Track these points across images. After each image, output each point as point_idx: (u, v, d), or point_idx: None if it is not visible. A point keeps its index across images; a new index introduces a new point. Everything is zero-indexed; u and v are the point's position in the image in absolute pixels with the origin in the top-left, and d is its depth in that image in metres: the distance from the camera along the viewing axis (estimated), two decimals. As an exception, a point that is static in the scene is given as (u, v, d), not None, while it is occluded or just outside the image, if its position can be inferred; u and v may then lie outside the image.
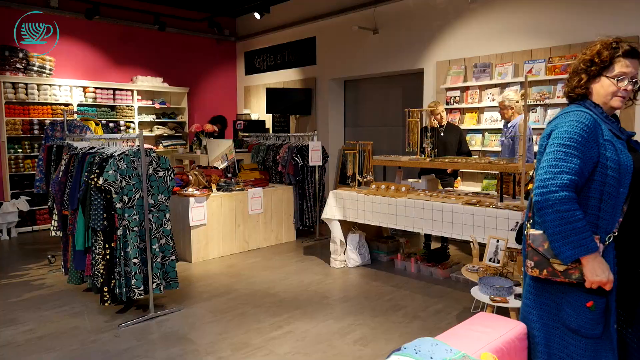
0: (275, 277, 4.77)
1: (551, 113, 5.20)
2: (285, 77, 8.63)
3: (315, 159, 6.17)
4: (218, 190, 5.65)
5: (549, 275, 1.77)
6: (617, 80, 1.80)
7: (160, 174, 3.83)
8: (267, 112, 8.26)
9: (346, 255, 5.09)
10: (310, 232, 6.65)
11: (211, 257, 5.48)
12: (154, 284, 3.75)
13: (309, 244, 6.14)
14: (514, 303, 2.88)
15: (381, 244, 5.35)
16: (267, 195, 6.03)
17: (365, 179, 5.16)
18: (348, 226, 5.15)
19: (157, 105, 8.36)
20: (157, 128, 8.45)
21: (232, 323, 3.66)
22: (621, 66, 1.80)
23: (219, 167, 6.28)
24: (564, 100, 5.39)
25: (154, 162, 3.79)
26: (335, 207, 5.00)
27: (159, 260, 3.79)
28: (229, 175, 6.14)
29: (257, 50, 9.21)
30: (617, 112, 1.96)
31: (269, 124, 8.78)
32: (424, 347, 1.61)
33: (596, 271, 1.67)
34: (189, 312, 3.89)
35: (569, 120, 1.78)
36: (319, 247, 5.98)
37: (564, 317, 1.80)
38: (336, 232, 5.03)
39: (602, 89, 1.83)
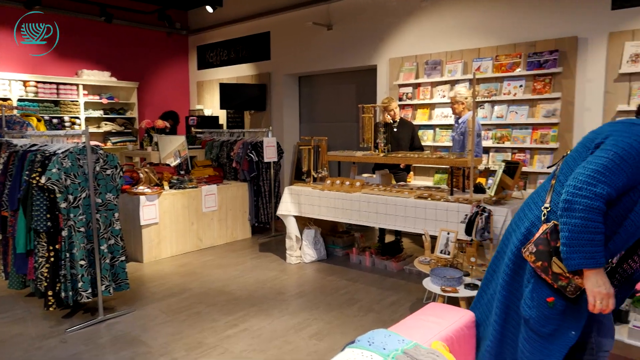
0: (230, 275, 4.71)
1: (498, 109, 5.40)
2: (240, 72, 8.52)
3: (270, 155, 6.13)
4: (170, 187, 5.51)
5: (540, 268, 1.75)
6: None
7: (108, 171, 3.69)
8: (221, 107, 8.13)
9: (302, 250, 5.10)
10: (266, 229, 6.61)
11: (164, 257, 5.34)
12: (103, 286, 3.62)
13: (265, 241, 6.11)
14: (463, 292, 2.98)
15: (337, 238, 5.40)
16: (221, 192, 5.94)
17: (320, 175, 5.17)
18: (304, 222, 5.16)
19: (104, 101, 8.05)
20: (105, 124, 8.14)
21: (186, 323, 3.58)
22: None
23: (171, 164, 6.12)
24: (511, 97, 5.59)
25: (101, 160, 3.64)
26: (291, 203, 4.99)
27: (107, 261, 3.65)
28: (182, 172, 6.01)
29: (210, 45, 9.04)
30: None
31: (222, 120, 8.65)
32: (378, 338, 1.64)
33: (599, 283, 1.65)
34: (140, 313, 3.78)
35: (635, 132, 1.69)
36: (274, 243, 5.96)
37: (522, 304, 1.84)
38: (292, 228, 5.02)
39: None
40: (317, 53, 7.25)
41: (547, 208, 1.81)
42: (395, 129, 5.34)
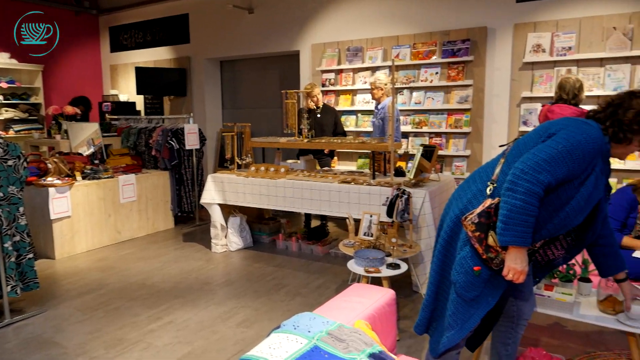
0: (152, 267, 4.54)
1: (416, 95, 5.61)
2: (157, 56, 8.13)
3: (191, 142, 5.94)
4: (84, 178, 5.17)
5: (476, 238, 1.84)
6: None
7: (10, 162, 3.39)
8: (138, 93, 7.72)
9: (228, 239, 5.02)
10: (190, 218, 6.43)
11: (78, 252, 5.03)
12: (9, 287, 3.34)
13: (189, 230, 5.94)
14: (385, 272, 3.09)
15: (263, 225, 5.37)
16: (140, 181, 5.68)
17: (244, 161, 5.10)
18: (228, 210, 5.07)
19: (4, 85, 7.35)
20: (6, 111, 7.45)
21: (104, 320, 3.41)
22: None
23: (84, 154, 5.75)
24: (427, 84, 5.77)
25: (1, 149, 3.33)
26: (215, 191, 4.89)
27: (13, 259, 3.37)
28: (96, 161, 5.66)
29: (123, 26, 8.52)
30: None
31: (140, 106, 8.23)
32: (302, 322, 1.66)
33: (517, 260, 1.78)
34: (53, 313, 3.54)
35: (585, 130, 1.79)
36: (199, 232, 5.82)
37: (452, 269, 1.97)
38: (216, 216, 4.93)
39: (630, 146, 1.88)
40: (239, 37, 7.09)
41: (493, 184, 1.91)
42: (318, 115, 5.38)
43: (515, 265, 1.79)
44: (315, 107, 5.39)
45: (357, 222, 3.87)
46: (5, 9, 7.46)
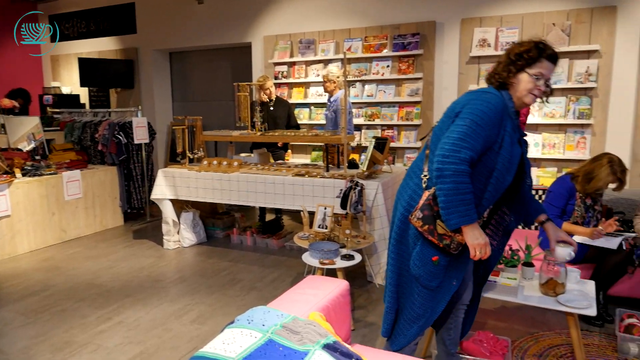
0: (101, 266, 4.39)
1: (368, 88, 5.67)
2: (102, 46, 7.80)
3: (140, 136, 5.76)
4: (24, 175, 4.91)
5: (427, 231, 1.91)
6: (536, 78, 1.94)
7: (-60, 158, 3.16)
8: (82, 85, 7.38)
9: (180, 235, 4.92)
10: (140, 215, 6.24)
11: (20, 253, 4.78)
12: (-58, 291, 3.13)
13: (139, 227, 5.77)
14: (340, 264, 3.13)
15: (216, 220, 5.30)
16: (86, 177, 5.45)
17: (196, 156, 5.00)
18: (180, 205, 4.96)
19: None
20: None
21: (50, 323, 3.27)
22: (541, 67, 1.93)
23: (24, 149, 5.45)
24: (379, 77, 5.85)
25: None
26: (166, 186, 4.76)
27: (-54, 262, 3.16)
28: (38, 157, 5.38)
29: (64, 14, 8.10)
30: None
31: (84, 99, 7.88)
32: (257, 316, 1.65)
33: (475, 236, 1.86)
34: (-7, 317, 3.35)
35: (485, 99, 1.89)
36: (150, 229, 5.66)
37: (411, 263, 2.02)
38: (168, 212, 4.81)
39: (522, 84, 1.95)
40: (188, 28, 6.91)
41: (425, 176, 1.99)
42: (271, 108, 5.35)
43: (476, 241, 1.87)
44: (268, 100, 5.35)
45: (312, 214, 3.88)
46: None
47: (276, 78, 6.20)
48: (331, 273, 3.30)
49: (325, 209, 3.74)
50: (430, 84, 5.35)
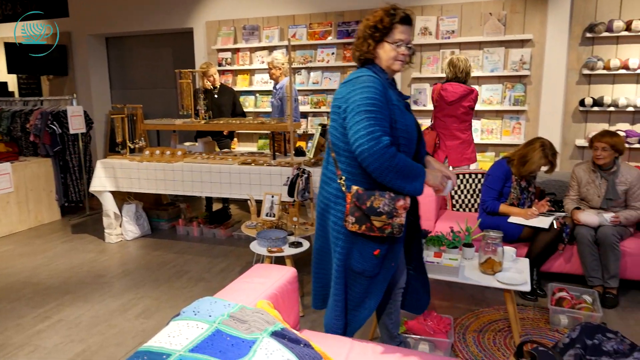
0: (37, 264, 4.16)
1: (314, 75, 5.66)
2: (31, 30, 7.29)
3: (76, 125, 5.47)
4: (-55, 169, 4.55)
5: (366, 230, 1.93)
6: (397, 45, 1.95)
7: None
8: (9, 72, 6.90)
9: (123, 228, 4.75)
10: (79, 208, 5.96)
11: (-56, 252, 4.45)
12: None
13: (78, 221, 5.51)
14: (288, 251, 3.14)
15: (161, 211, 5.15)
16: (17, 170, 5.12)
17: (137, 145, 4.82)
18: (122, 197, 4.78)
19: None
20: None
21: (-19, 325, 3.07)
22: (398, 33, 1.95)
23: (-56, 141, 5.04)
24: (325, 64, 5.84)
25: None
26: (106, 178, 4.57)
27: None
28: (-39, 149, 5.00)
29: (-14, -5, 7.51)
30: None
31: (13, 87, 7.38)
32: (203, 307, 1.62)
33: (434, 176, 1.97)
34: None
35: (365, 85, 1.88)
36: (90, 223, 5.42)
37: (351, 262, 2.02)
38: (109, 204, 4.62)
39: (385, 53, 1.97)
40: (126, 12, 6.59)
41: (342, 179, 1.98)
42: (216, 95, 5.23)
43: (437, 179, 1.98)
44: (212, 88, 5.23)
45: (259, 203, 3.86)
46: None
47: (220, 65, 6.06)
48: (280, 261, 3.30)
49: (272, 197, 3.72)
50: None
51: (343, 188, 1.97)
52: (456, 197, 4.16)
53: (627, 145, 4.48)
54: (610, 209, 3.35)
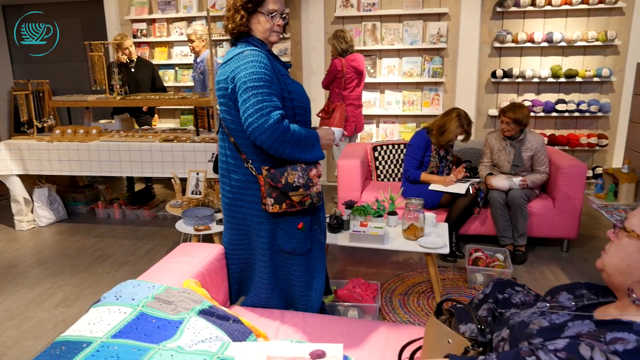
0: (-64, 257, 3.79)
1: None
2: None
3: (-28, 104, 4.95)
4: None
5: (287, 207, 1.88)
6: (271, 16, 1.88)
7: None
8: None
9: (35, 214, 4.42)
10: (-17, 195, 5.46)
11: None
12: None
13: (-17, 209, 5.06)
14: (216, 228, 3.09)
15: (77, 194, 4.85)
16: None
17: (46, 124, 4.47)
18: (33, 180, 4.43)
19: None
20: None
21: None
22: (272, 3, 1.88)
23: None
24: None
25: None
26: (11, 161, 4.20)
27: None
28: None
29: None
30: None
31: None
32: (125, 290, 1.57)
33: (325, 135, 1.97)
34: None
35: (249, 61, 1.80)
36: (-3, 210, 5.00)
37: (280, 243, 1.98)
38: (17, 189, 4.27)
39: (260, 25, 1.89)
40: (23, -23, 5.99)
41: (248, 162, 1.91)
42: (132, 70, 4.94)
43: (329, 138, 2.00)
44: (127, 61, 4.92)
45: (183, 181, 3.74)
46: None
47: (135, 36, 5.72)
48: (208, 239, 3.25)
49: (197, 174, 3.63)
50: (298, 44, 5.37)
51: (253, 172, 1.91)
52: (380, 167, 4.29)
53: (532, 114, 4.83)
54: (519, 173, 3.62)
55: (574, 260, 3.53)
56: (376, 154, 4.27)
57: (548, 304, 1.31)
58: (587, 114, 4.88)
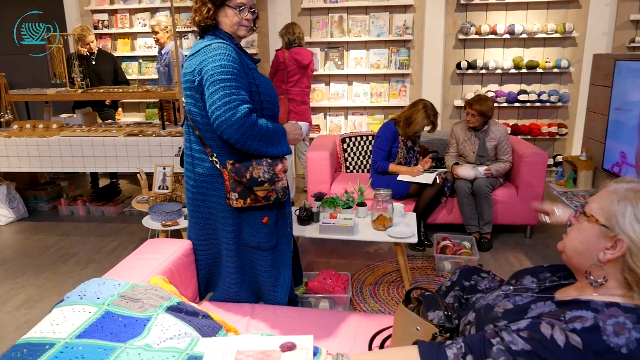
0: None
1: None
2: None
3: None
4: None
5: (252, 202, 1.86)
6: (239, 10, 1.86)
7: None
8: None
9: (-7, 212, 4.25)
10: (-64, 194, 5.21)
11: None
12: None
13: (-64, 209, 4.83)
14: (184, 224, 3.05)
15: (39, 192, 4.68)
16: None
17: (3, 119, 4.29)
18: (-11, 178, 4.27)
19: None
20: None
21: None
22: None
23: None
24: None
25: None
26: (-34, 158, 4.02)
27: None
28: None
29: None
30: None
31: None
32: (90, 289, 1.53)
33: (291, 129, 1.95)
34: None
35: (217, 54, 1.77)
36: (-48, 210, 4.77)
37: (245, 237, 1.96)
38: (-27, 187, 4.10)
39: (228, 19, 1.86)
40: (-26, -35, 5.70)
41: (213, 156, 1.89)
42: (93, 62, 4.80)
43: (296, 132, 1.98)
44: (88, 53, 4.77)
45: (150, 176, 3.67)
46: None
47: (95, 28, 5.54)
48: (177, 234, 3.20)
49: (164, 168, 3.56)
50: (265, 36, 5.32)
51: (217, 165, 1.88)
52: (349, 159, 4.31)
53: (496, 105, 4.95)
54: (484, 163, 3.70)
55: (537, 245, 3.65)
56: (345, 145, 4.29)
57: (512, 287, 1.35)
58: (548, 104, 5.03)
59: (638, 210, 1.05)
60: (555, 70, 4.92)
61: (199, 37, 1.95)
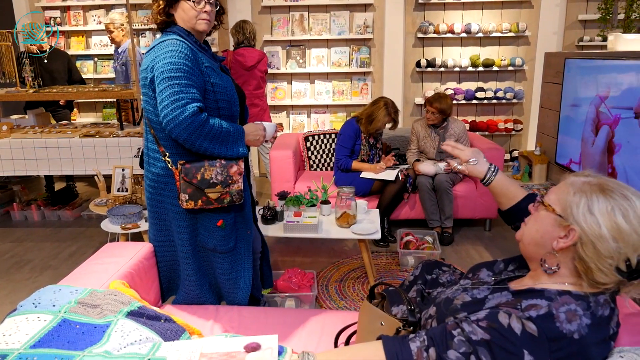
0: None
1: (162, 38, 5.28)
2: None
3: None
4: None
5: (203, 204, 1.81)
6: (195, 3, 1.80)
7: None
8: None
9: (-61, 220, 4.03)
10: None
11: None
12: None
13: None
14: (144, 226, 2.97)
15: (-11, 197, 4.47)
16: None
17: (-53, 122, 4.06)
18: None
19: None
20: None
21: None
22: None
23: None
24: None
25: None
26: None
27: None
28: None
29: None
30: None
31: None
32: (45, 297, 1.47)
33: (252, 131, 1.90)
34: None
35: (168, 50, 1.73)
36: None
37: (201, 239, 1.93)
38: None
39: (184, 13, 1.81)
40: None
41: (166, 155, 1.85)
42: (45, 61, 4.60)
43: (257, 135, 1.92)
44: (39, 52, 4.58)
45: (108, 178, 3.56)
46: None
47: (47, 25, 5.32)
48: (138, 238, 3.12)
49: (123, 170, 3.47)
50: (225, 34, 5.25)
51: (170, 165, 1.84)
52: (313, 157, 4.32)
53: (455, 102, 5.06)
54: (444, 159, 3.78)
55: (496, 238, 3.76)
56: (308, 144, 4.29)
57: (470, 281, 1.39)
58: (504, 101, 5.20)
59: (592, 202, 1.09)
60: (510, 68, 5.08)
61: (158, 35, 1.91)
